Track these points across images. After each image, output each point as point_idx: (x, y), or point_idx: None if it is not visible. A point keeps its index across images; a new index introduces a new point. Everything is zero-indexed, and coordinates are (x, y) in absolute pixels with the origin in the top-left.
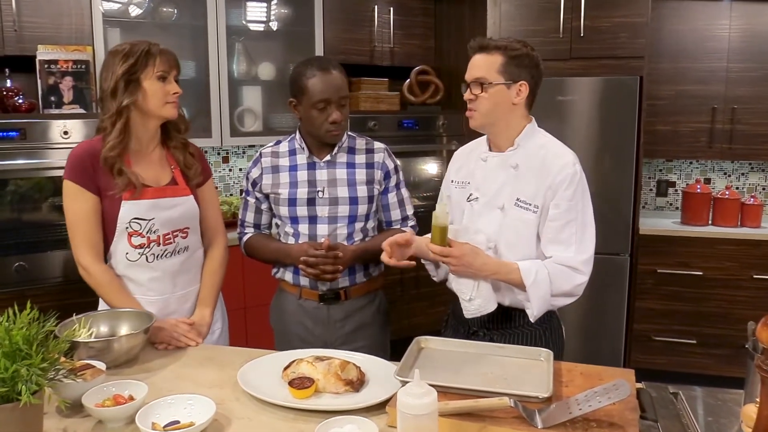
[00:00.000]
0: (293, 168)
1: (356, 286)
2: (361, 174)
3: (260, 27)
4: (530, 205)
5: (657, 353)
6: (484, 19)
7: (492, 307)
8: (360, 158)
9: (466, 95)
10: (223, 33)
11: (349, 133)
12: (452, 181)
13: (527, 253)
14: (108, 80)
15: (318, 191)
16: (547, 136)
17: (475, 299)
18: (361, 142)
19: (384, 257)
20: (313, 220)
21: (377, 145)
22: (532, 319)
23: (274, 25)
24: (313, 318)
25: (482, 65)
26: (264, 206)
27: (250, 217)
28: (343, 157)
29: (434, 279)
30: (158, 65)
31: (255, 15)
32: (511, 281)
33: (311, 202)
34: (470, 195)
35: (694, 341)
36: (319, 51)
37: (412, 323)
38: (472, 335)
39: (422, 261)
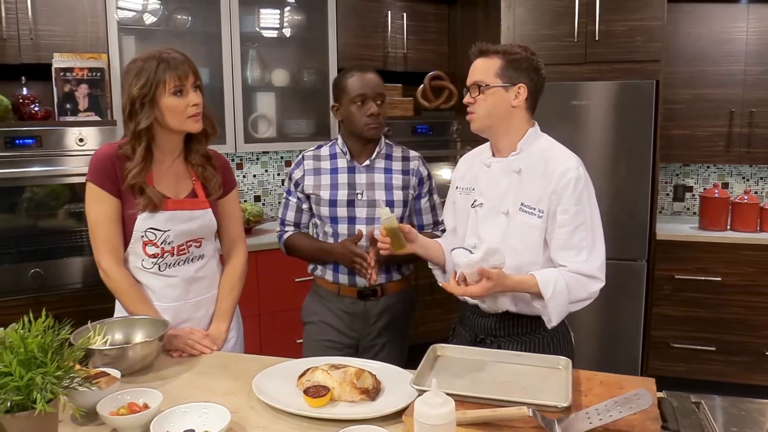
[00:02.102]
0: (334, 171)
1: (391, 283)
2: (397, 179)
3: (274, 33)
4: (534, 209)
5: (675, 360)
6: (498, 24)
7: (504, 307)
8: (396, 165)
9: (466, 99)
10: (237, 40)
11: (387, 141)
12: (456, 188)
13: (533, 258)
14: (125, 100)
15: (357, 194)
16: (550, 140)
17: (486, 300)
18: (397, 150)
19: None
20: (351, 220)
21: (412, 153)
22: (549, 327)
23: (287, 32)
24: (351, 312)
25: (481, 69)
26: (305, 206)
27: (290, 216)
28: (381, 163)
29: (440, 284)
30: (169, 82)
31: (268, 22)
32: (531, 293)
33: (351, 203)
34: (474, 201)
35: (714, 348)
36: (332, 57)
37: (427, 330)
38: (479, 343)
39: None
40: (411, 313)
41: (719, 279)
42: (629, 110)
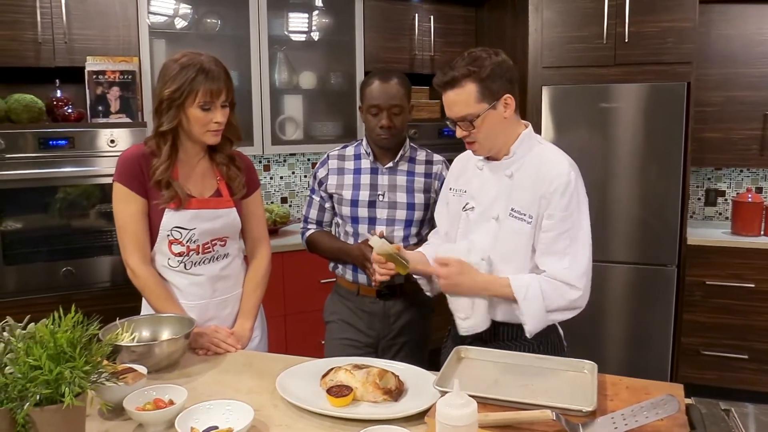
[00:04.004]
0: (357, 171)
1: (409, 284)
2: (419, 182)
3: (302, 37)
4: (525, 215)
5: (706, 368)
6: (526, 26)
7: (485, 326)
8: (419, 168)
9: (459, 133)
10: (266, 43)
11: (411, 144)
12: (450, 189)
13: (522, 264)
14: (156, 96)
15: (379, 195)
16: (543, 142)
17: (470, 318)
18: (421, 154)
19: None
20: (372, 221)
21: (436, 157)
22: (528, 335)
23: (315, 35)
24: (370, 312)
25: (460, 101)
26: (327, 205)
27: (313, 214)
28: (404, 166)
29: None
30: (200, 96)
31: (297, 25)
32: (503, 295)
33: (372, 204)
34: (466, 204)
35: (746, 356)
36: (359, 60)
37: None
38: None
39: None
40: (430, 314)
41: (752, 285)
42: (660, 113)
